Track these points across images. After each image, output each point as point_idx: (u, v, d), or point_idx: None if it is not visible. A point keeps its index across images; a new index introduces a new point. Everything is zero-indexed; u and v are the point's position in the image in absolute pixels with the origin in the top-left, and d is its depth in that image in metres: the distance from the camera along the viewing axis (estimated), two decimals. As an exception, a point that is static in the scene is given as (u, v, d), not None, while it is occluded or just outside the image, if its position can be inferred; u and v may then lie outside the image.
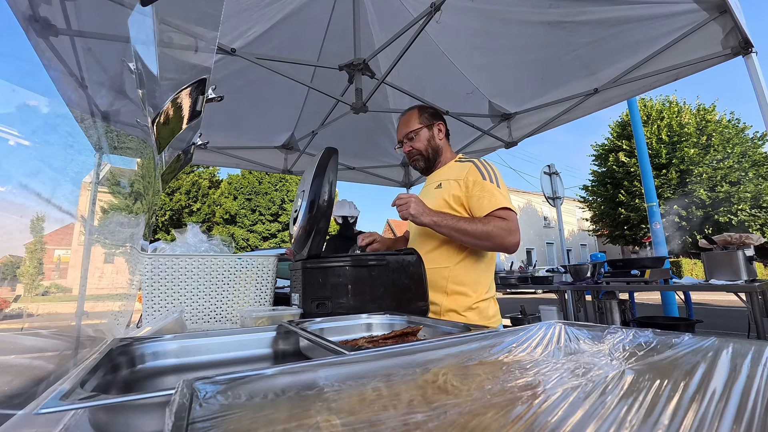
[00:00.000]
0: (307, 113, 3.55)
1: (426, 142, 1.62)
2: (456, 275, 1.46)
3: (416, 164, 1.67)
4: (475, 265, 1.50)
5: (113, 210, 1.25)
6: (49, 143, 0.79)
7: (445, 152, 1.66)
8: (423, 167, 1.67)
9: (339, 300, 1.22)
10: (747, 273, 3.13)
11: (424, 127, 1.62)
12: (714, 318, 7.70)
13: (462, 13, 2.44)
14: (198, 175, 19.35)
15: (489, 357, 0.46)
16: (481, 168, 1.49)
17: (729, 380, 0.32)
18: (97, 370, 0.57)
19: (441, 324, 0.92)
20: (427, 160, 1.63)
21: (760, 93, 1.78)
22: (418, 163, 1.66)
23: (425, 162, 1.64)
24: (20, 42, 0.73)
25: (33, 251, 0.79)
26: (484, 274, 1.51)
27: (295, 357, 0.89)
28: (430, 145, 1.62)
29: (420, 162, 1.65)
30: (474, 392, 0.34)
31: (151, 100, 0.95)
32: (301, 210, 1.31)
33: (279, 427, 0.27)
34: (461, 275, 1.46)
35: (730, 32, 1.97)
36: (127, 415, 0.44)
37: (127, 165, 1.47)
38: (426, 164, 1.65)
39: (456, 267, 1.47)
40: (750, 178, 16.94)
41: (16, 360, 0.66)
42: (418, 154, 1.64)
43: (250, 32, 2.54)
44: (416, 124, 1.62)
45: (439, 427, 0.27)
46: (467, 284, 1.46)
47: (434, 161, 1.64)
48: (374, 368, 0.42)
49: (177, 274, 1.28)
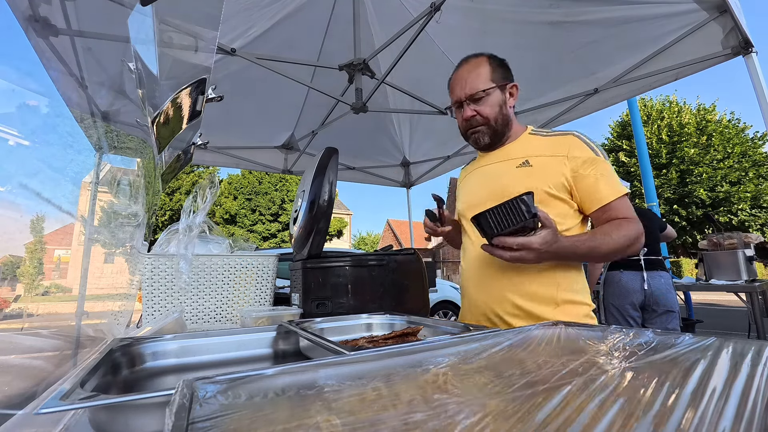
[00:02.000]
0: (307, 113, 3.55)
1: (497, 109, 1.16)
2: (569, 280, 1.09)
3: (477, 138, 1.19)
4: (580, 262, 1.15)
5: (113, 210, 1.25)
6: (49, 143, 0.79)
7: (515, 123, 1.23)
8: (487, 143, 1.20)
9: (339, 300, 1.22)
10: (747, 273, 3.13)
11: (496, 88, 1.15)
12: (714, 318, 7.70)
13: (462, 13, 2.44)
14: (198, 175, 19.36)
15: (489, 357, 0.46)
16: (588, 141, 1.11)
17: (729, 379, 0.32)
18: (97, 370, 0.57)
19: (441, 324, 0.92)
20: (494, 133, 1.18)
21: (760, 93, 1.78)
22: (481, 137, 1.18)
23: (491, 136, 1.18)
24: (20, 42, 0.73)
25: (33, 251, 0.79)
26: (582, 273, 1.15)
27: (295, 357, 0.89)
28: (501, 114, 1.16)
29: (484, 136, 1.18)
30: (474, 392, 0.34)
31: (151, 100, 0.95)
32: (301, 210, 1.31)
33: (279, 427, 0.27)
34: (574, 278, 1.10)
35: (730, 32, 1.97)
36: (127, 415, 0.44)
37: (127, 165, 1.47)
38: (492, 139, 1.19)
39: (569, 268, 1.10)
40: (750, 178, 16.94)
41: (16, 360, 0.66)
42: (483, 123, 1.16)
43: (250, 32, 2.54)
44: (487, 80, 1.15)
45: (439, 427, 0.27)
46: (579, 289, 1.10)
47: (503, 135, 1.20)
48: (374, 368, 0.42)
49: (177, 274, 1.28)
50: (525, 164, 1.13)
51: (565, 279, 1.08)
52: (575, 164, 1.07)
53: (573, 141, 1.10)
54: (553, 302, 1.06)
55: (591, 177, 1.06)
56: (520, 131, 1.23)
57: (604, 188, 1.05)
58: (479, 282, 1.17)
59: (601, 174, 1.06)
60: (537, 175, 1.10)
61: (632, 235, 1.02)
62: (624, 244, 1.01)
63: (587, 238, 1.01)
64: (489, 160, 1.24)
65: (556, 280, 1.07)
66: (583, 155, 1.08)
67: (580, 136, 1.12)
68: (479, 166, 1.28)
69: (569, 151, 1.09)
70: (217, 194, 1.29)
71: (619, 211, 1.06)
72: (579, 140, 1.11)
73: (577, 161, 1.07)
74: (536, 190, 1.00)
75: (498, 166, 1.20)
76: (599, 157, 1.08)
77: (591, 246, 1.00)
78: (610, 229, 1.03)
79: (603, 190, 1.05)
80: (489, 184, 1.20)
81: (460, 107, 1.19)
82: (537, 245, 0.90)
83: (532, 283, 1.07)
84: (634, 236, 1.02)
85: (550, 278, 1.07)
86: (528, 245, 0.90)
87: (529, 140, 1.19)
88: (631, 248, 1.03)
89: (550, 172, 1.09)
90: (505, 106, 1.18)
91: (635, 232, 1.03)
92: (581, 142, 1.10)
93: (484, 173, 1.23)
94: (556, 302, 1.06)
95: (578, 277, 1.11)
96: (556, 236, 0.92)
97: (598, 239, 1.01)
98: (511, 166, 1.15)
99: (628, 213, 1.06)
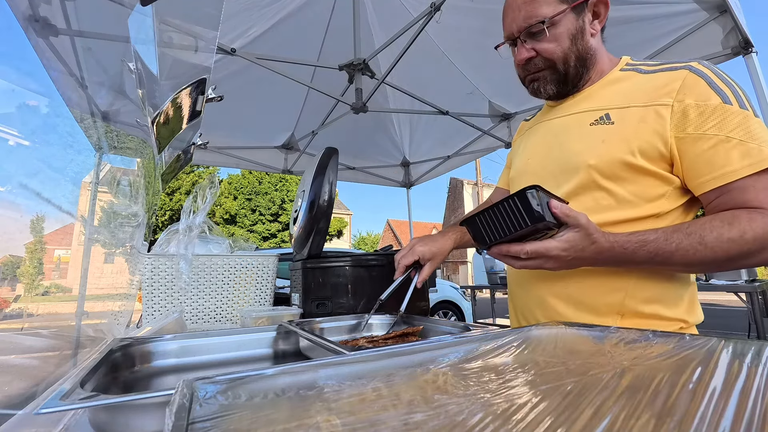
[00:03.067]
0: (307, 113, 3.55)
1: (567, 43, 0.80)
2: (647, 285, 0.75)
3: (538, 87, 0.86)
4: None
5: (113, 210, 1.25)
6: (49, 143, 0.79)
7: (601, 56, 0.84)
8: (554, 93, 0.86)
9: (339, 300, 1.22)
10: (747, 273, 3.13)
11: (568, 10, 0.78)
12: (714, 318, 7.70)
13: (462, 13, 2.44)
14: (198, 175, 19.36)
15: (490, 357, 0.46)
16: (713, 78, 0.70)
17: (729, 379, 0.32)
18: (97, 370, 0.57)
19: (441, 324, 0.92)
20: (564, 79, 0.83)
21: (760, 93, 1.78)
22: (543, 85, 0.85)
23: (559, 84, 0.84)
24: (20, 42, 0.74)
25: (33, 251, 0.79)
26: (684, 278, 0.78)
27: (295, 357, 0.89)
28: (575, 49, 0.81)
29: (547, 84, 0.85)
30: (474, 392, 0.34)
31: (151, 100, 0.95)
32: (301, 210, 1.31)
33: (279, 427, 0.28)
34: (656, 284, 0.75)
35: (730, 32, 1.97)
36: (127, 415, 0.44)
37: (127, 165, 1.47)
38: (560, 88, 0.85)
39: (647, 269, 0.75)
40: (750, 178, 16.92)
41: (16, 360, 0.66)
42: (547, 66, 0.83)
43: (250, 32, 2.54)
44: (552, 2, 0.78)
45: (440, 427, 0.27)
46: (666, 299, 0.76)
47: (578, 79, 0.84)
48: (374, 368, 0.42)
49: (177, 274, 1.28)
50: (603, 120, 0.77)
51: (640, 284, 0.74)
52: (685, 117, 0.69)
53: (688, 80, 0.70)
54: (615, 312, 0.76)
55: (710, 139, 0.67)
56: (610, 66, 0.85)
57: (731, 156, 0.65)
58: (520, 279, 0.92)
59: (729, 133, 0.66)
60: (618, 136, 0.74)
61: (758, 232, 0.62)
62: (738, 251, 0.64)
63: (660, 237, 0.66)
64: (557, 112, 0.89)
65: (623, 285, 0.75)
66: (700, 101, 0.68)
67: (702, 71, 0.71)
68: (544, 119, 0.93)
69: (678, 95, 0.70)
70: (217, 194, 1.29)
71: (747, 193, 0.65)
72: (697, 78, 0.70)
73: (689, 114, 0.69)
74: (611, 159, 0.73)
75: (566, 120, 0.85)
76: (730, 105, 0.67)
77: (664, 250, 0.66)
78: (714, 224, 0.65)
79: (726, 159, 0.66)
80: (550, 146, 0.87)
81: (514, 44, 0.85)
82: (557, 251, 0.65)
83: (580, 287, 0.78)
84: (762, 236, 0.62)
85: (612, 281, 0.76)
86: (543, 252, 0.65)
87: (619, 81, 0.81)
88: (759, 257, 0.65)
89: (639, 131, 0.72)
90: (582, 37, 0.80)
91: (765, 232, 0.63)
92: (702, 81, 0.70)
93: (549, 130, 0.89)
94: (620, 312, 0.75)
95: (667, 283, 0.75)
96: (588, 237, 0.65)
97: (678, 240, 0.65)
98: (585, 122, 0.80)
99: (767, 199, 0.64)
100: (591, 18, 0.82)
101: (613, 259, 0.69)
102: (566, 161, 0.81)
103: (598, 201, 0.77)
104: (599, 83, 0.84)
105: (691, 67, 0.72)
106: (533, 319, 0.87)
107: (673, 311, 0.75)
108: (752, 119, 0.67)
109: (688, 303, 0.77)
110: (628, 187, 0.74)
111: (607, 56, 0.86)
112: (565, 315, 0.80)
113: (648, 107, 0.73)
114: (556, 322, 0.62)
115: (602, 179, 0.76)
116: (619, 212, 0.75)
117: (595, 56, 0.83)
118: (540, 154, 0.89)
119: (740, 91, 0.69)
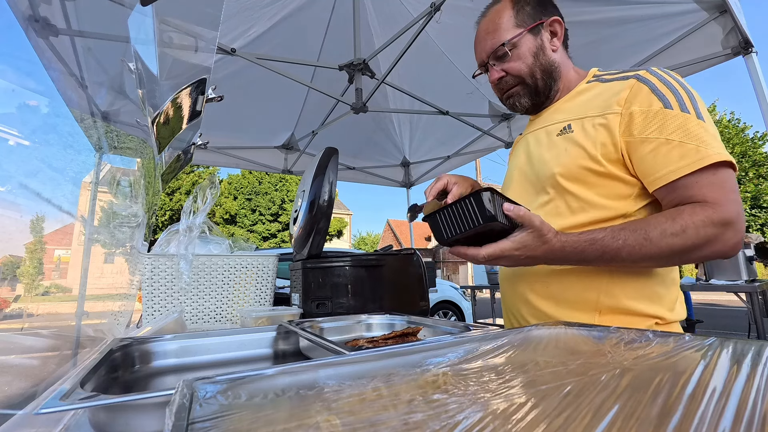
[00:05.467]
0: (307, 113, 3.55)
1: (530, 60, 0.90)
2: (622, 283, 0.79)
3: (516, 102, 0.95)
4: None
5: (113, 210, 1.25)
6: (49, 143, 0.79)
7: (566, 70, 0.93)
8: (528, 105, 0.95)
9: (339, 300, 1.22)
10: (747, 273, 3.13)
11: (525, 32, 0.89)
12: (714, 318, 7.70)
13: (462, 13, 2.44)
14: (198, 175, 19.36)
15: (490, 357, 0.46)
16: (657, 85, 0.75)
17: (729, 379, 0.32)
18: (97, 370, 0.57)
19: (441, 324, 0.92)
20: (535, 91, 0.92)
21: (760, 93, 1.78)
22: (519, 100, 0.94)
23: (531, 96, 0.93)
24: (20, 42, 0.73)
25: (33, 251, 0.79)
26: (666, 274, 0.81)
27: (295, 357, 0.89)
28: (539, 64, 0.90)
29: (521, 98, 0.94)
30: (474, 392, 0.34)
31: (151, 100, 0.95)
32: (301, 210, 1.31)
33: (279, 427, 0.28)
34: (633, 281, 0.79)
35: (730, 32, 1.97)
36: (127, 415, 0.44)
37: (127, 165, 1.47)
38: (533, 99, 0.94)
39: (611, 269, 0.80)
40: (750, 178, 16.94)
41: (16, 360, 0.66)
42: (518, 83, 0.92)
43: (250, 32, 2.54)
44: (511, 27, 0.90)
45: (439, 427, 0.27)
46: (642, 297, 0.79)
47: (548, 90, 0.93)
48: (374, 368, 0.42)
49: (177, 274, 1.28)
50: (566, 130, 0.85)
51: (615, 281, 0.79)
52: (631, 122, 0.75)
53: (634, 88, 0.77)
54: (592, 309, 0.80)
55: (652, 142, 0.72)
56: (576, 79, 0.93)
57: (670, 157, 0.70)
58: (508, 276, 0.98)
59: (669, 136, 0.71)
60: (578, 144, 0.81)
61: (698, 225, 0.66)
62: (681, 246, 0.67)
63: (607, 235, 0.71)
64: (535, 126, 0.97)
65: (597, 283, 0.79)
66: (644, 107, 0.74)
67: (647, 79, 0.76)
68: (526, 133, 1.01)
69: (626, 103, 0.76)
70: (218, 195, 1.29)
71: (691, 189, 0.70)
72: (641, 86, 0.76)
73: (634, 119, 0.74)
74: (573, 166, 0.80)
75: (539, 133, 0.93)
76: (671, 109, 0.72)
77: (611, 247, 0.70)
78: (658, 220, 0.70)
79: (666, 160, 0.71)
80: (529, 157, 0.95)
81: (485, 70, 0.96)
82: (510, 251, 0.70)
83: (560, 285, 0.83)
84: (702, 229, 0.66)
85: (588, 280, 0.80)
86: (499, 253, 0.70)
87: (583, 92, 0.89)
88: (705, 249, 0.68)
89: (595, 137, 0.79)
90: (543, 53, 0.90)
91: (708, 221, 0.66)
92: (645, 88, 0.76)
93: (528, 143, 0.97)
94: (597, 309, 0.79)
95: (644, 280, 0.79)
96: (540, 238, 0.70)
97: (624, 237, 0.70)
98: (552, 134, 0.88)
99: (710, 193, 0.68)
100: (549, 36, 0.92)
101: (565, 258, 0.74)
102: (539, 171, 0.90)
103: (569, 205, 0.84)
104: (567, 96, 0.92)
105: (639, 75, 0.79)
106: (519, 315, 0.93)
107: (650, 308, 0.79)
108: (692, 121, 0.71)
109: (667, 300, 0.80)
110: (595, 190, 0.80)
111: (573, 70, 0.96)
112: (547, 311, 0.86)
113: (602, 116, 0.80)
114: (556, 322, 0.62)
115: (569, 184, 0.83)
116: (590, 214, 0.81)
117: (560, 69, 0.93)
118: (520, 167, 0.99)
119: (684, 95, 0.74)
